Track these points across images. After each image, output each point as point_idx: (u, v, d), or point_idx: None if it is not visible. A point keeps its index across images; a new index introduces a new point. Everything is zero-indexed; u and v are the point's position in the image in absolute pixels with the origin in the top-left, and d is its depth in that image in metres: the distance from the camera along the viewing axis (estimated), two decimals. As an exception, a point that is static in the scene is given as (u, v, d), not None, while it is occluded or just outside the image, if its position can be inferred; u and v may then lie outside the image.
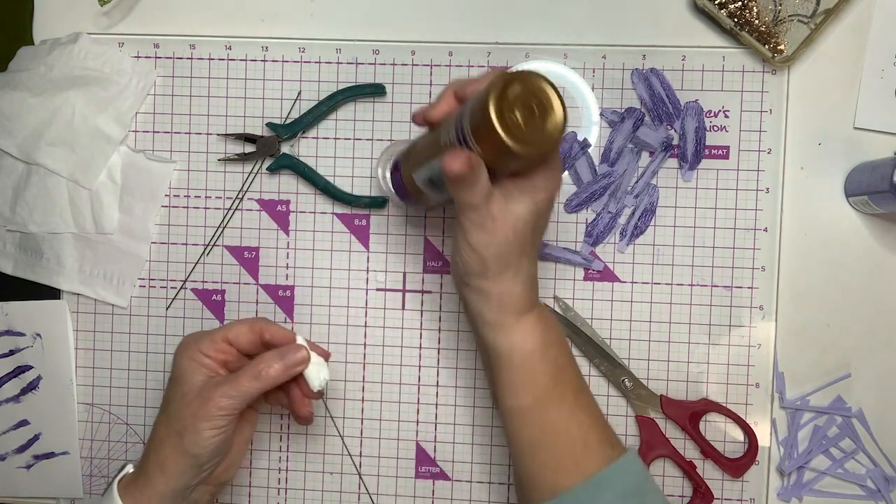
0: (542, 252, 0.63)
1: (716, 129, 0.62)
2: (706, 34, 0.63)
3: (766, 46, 0.61)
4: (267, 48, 0.65)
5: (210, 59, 0.66)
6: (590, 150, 0.63)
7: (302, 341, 0.55)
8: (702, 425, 0.63)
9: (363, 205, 0.64)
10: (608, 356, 0.63)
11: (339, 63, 0.65)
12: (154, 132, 0.66)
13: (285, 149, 0.65)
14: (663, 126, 0.62)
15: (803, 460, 0.62)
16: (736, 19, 0.61)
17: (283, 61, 0.65)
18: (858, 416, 0.62)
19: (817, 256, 0.62)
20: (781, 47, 0.61)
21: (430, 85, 0.64)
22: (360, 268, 0.65)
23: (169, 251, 0.66)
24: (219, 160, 0.66)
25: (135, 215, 0.66)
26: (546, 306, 0.54)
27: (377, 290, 0.65)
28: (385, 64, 0.65)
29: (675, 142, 0.63)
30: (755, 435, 0.62)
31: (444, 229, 0.64)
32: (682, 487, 0.63)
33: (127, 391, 0.67)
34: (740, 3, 0.60)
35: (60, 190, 0.65)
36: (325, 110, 0.64)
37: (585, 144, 0.63)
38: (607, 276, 0.63)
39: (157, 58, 0.66)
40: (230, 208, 0.66)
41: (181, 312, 0.66)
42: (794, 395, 0.62)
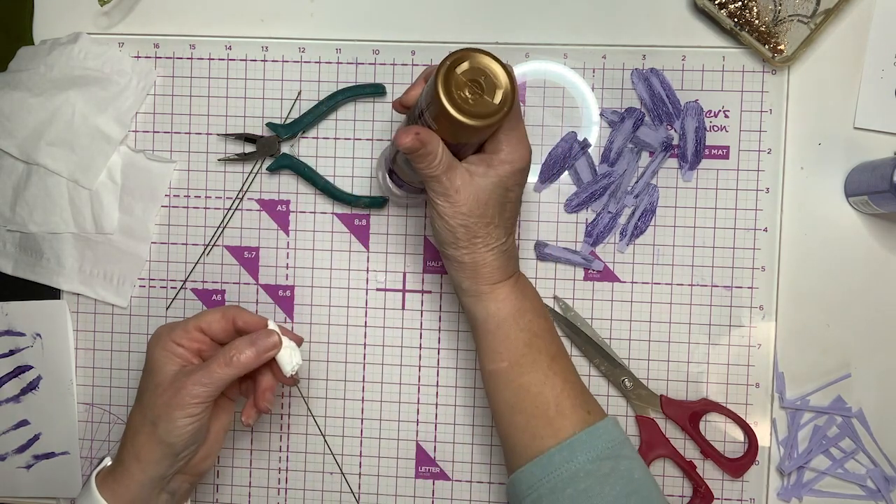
0: (542, 252, 0.63)
1: (716, 129, 0.62)
2: (706, 34, 0.63)
3: (766, 46, 0.61)
4: (267, 48, 0.65)
5: (210, 59, 0.66)
6: (590, 150, 0.63)
7: (273, 326, 0.55)
8: (702, 425, 0.63)
9: (363, 205, 0.64)
10: (608, 356, 0.63)
11: (339, 63, 0.65)
12: (154, 132, 0.66)
13: (285, 149, 0.65)
14: (663, 126, 0.62)
15: (803, 460, 0.62)
16: (736, 19, 0.61)
17: (283, 61, 0.65)
18: (858, 416, 0.62)
19: (817, 256, 0.62)
20: (781, 47, 0.61)
21: (430, 85, 0.64)
22: (360, 268, 0.65)
23: (169, 251, 0.66)
24: (219, 160, 0.66)
25: (135, 215, 0.66)
26: (523, 275, 0.56)
27: (377, 290, 0.65)
28: (385, 64, 0.65)
29: (675, 142, 0.63)
30: (755, 435, 0.62)
31: (444, 229, 0.64)
32: (682, 487, 0.63)
33: (127, 391, 0.67)
34: (740, 3, 0.60)
35: (60, 190, 0.65)
36: (325, 110, 0.64)
37: (585, 144, 0.63)
38: (607, 276, 0.63)
39: (157, 58, 0.66)
40: (230, 208, 0.66)
41: (181, 312, 0.66)
42: (794, 395, 0.62)
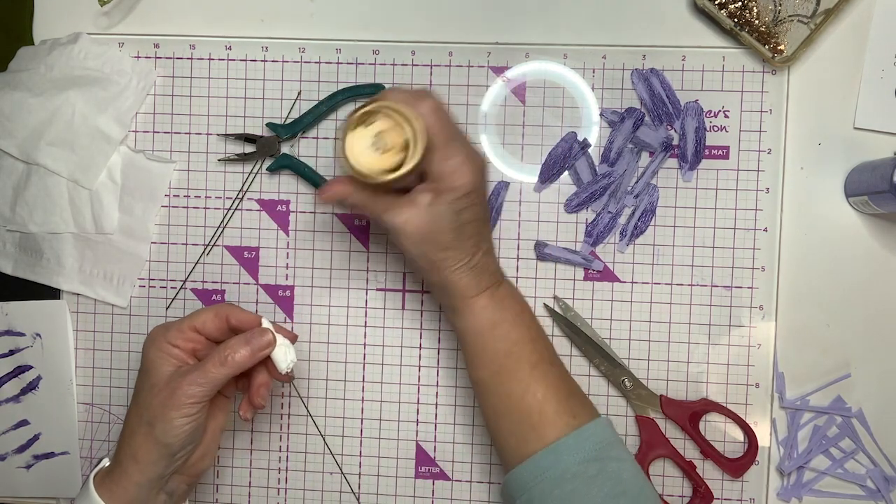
0: (542, 252, 0.63)
1: (716, 129, 0.62)
2: (706, 34, 0.63)
3: (766, 46, 0.61)
4: (267, 48, 0.65)
5: (210, 59, 0.66)
6: (590, 150, 0.63)
7: (267, 324, 0.55)
8: (702, 425, 0.63)
9: (363, 205, 0.65)
10: (608, 356, 0.63)
11: (339, 63, 0.65)
12: (154, 132, 0.66)
13: (285, 149, 0.65)
14: (663, 126, 0.62)
15: (803, 460, 0.62)
16: (736, 19, 0.61)
17: (283, 61, 0.65)
18: (858, 416, 0.62)
19: (817, 256, 0.62)
20: (781, 47, 0.61)
21: (430, 85, 0.64)
22: (360, 268, 0.65)
23: (169, 251, 0.66)
24: (219, 160, 0.66)
25: (135, 215, 0.66)
26: (505, 283, 0.56)
27: (377, 290, 0.65)
28: (385, 64, 0.65)
29: (675, 142, 0.63)
30: (755, 435, 0.62)
31: (444, 229, 0.64)
32: (682, 487, 0.63)
33: (127, 391, 0.67)
34: (740, 3, 0.60)
35: (60, 190, 0.65)
36: (325, 110, 0.64)
37: (585, 144, 0.63)
38: (607, 276, 0.63)
39: (157, 58, 0.66)
40: (230, 208, 0.66)
41: (181, 312, 0.66)
42: (794, 395, 0.62)
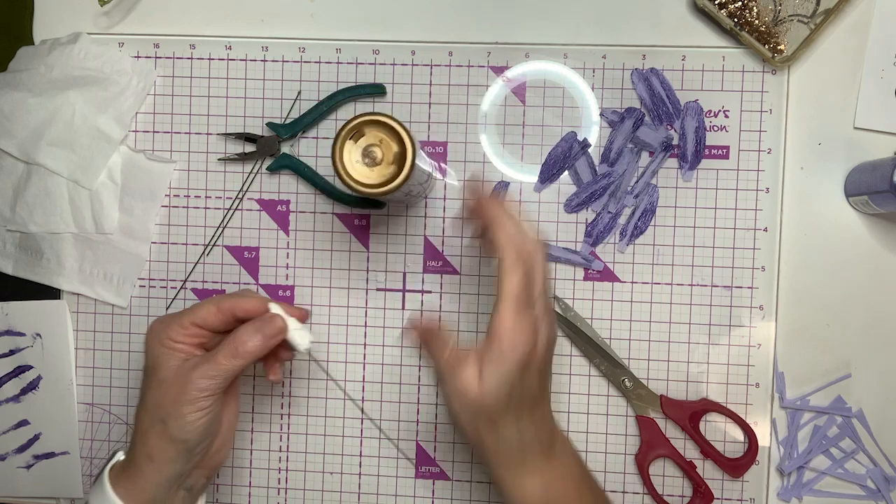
0: (542, 252, 0.63)
1: (716, 129, 0.62)
2: (706, 34, 0.63)
3: (766, 46, 0.61)
4: (267, 48, 0.65)
5: (210, 59, 0.66)
6: (590, 150, 0.63)
7: (277, 309, 0.53)
8: (702, 425, 0.63)
9: (363, 205, 0.64)
10: (608, 356, 0.63)
11: (339, 63, 0.65)
12: (154, 132, 0.66)
13: (285, 149, 0.65)
14: (663, 126, 0.62)
15: (803, 460, 0.62)
16: (736, 19, 0.61)
17: (283, 61, 0.65)
18: (858, 416, 0.62)
19: (817, 256, 0.62)
20: (781, 47, 0.61)
21: (430, 85, 0.64)
22: (360, 268, 0.65)
23: (169, 251, 0.66)
24: (219, 160, 0.66)
25: (135, 215, 0.66)
26: (561, 453, 0.52)
27: (377, 290, 0.65)
28: (385, 64, 0.65)
29: (675, 142, 0.63)
30: (755, 435, 0.62)
31: (444, 229, 0.64)
32: (682, 487, 0.63)
33: (127, 391, 0.67)
34: (740, 3, 0.60)
35: (60, 190, 0.65)
36: (325, 110, 0.64)
37: (585, 144, 0.63)
38: (607, 276, 0.63)
39: (157, 58, 0.66)
40: (230, 208, 0.66)
41: (181, 312, 0.66)
42: (794, 395, 0.62)
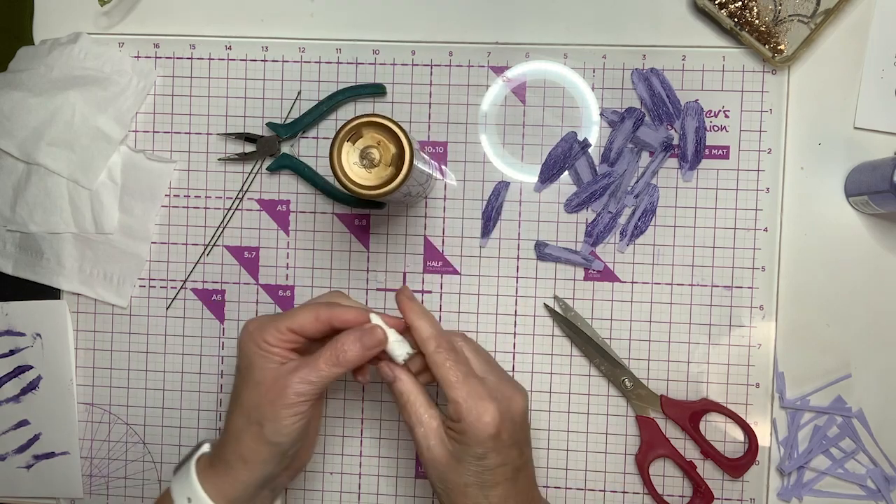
0: (542, 252, 0.63)
1: (716, 129, 0.62)
2: (706, 34, 0.63)
3: (766, 46, 0.61)
4: (267, 48, 0.65)
5: (210, 59, 0.66)
6: (590, 150, 0.63)
7: (377, 320, 0.53)
8: (702, 425, 0.63)
9: (363, 205, 0.64)
10: (608, 356, 0.63)
11: (339, 63, 0.65)
12: (154, 132, 0.66)
13: (285, 149, 0.65)
14: (663, 126, 0.62)
15: (803, 460, 0.62)
16: (736, 19, 0.61)
17: (283, 61, 0.65)
18: (858, 416, 0.62)
19: (817, 256, 0.62)
20: (781, 47, 0.61)
21: (430, 85, 0.64)
22: (360, 268, 0.65)
23: (169, 251, 0.66)
24: (219, 160, 0.66)
25: (135, 215, 0.66)
26: None
27: (377, 290, 0.65)
28: (385, 64, 0.65)
29: (675, 142, 0.63)
30: (755, 435, 0.62)
31: (444, 229, 0.64)
32: (682, 487, 0.63)
33: (127, 391, 0.67)
34: (740, 3, 0.60)
35: (60, 190, 0.65)
36: (325, 110, 0.64)
37: (585, 144, 0.63)
38: (607, 276, 0.63)
39: (157, 58, 0.66)
40: (230, 208, 0.66)
41: (181, 312, 0.66)
42: (794, 395, 0.62)
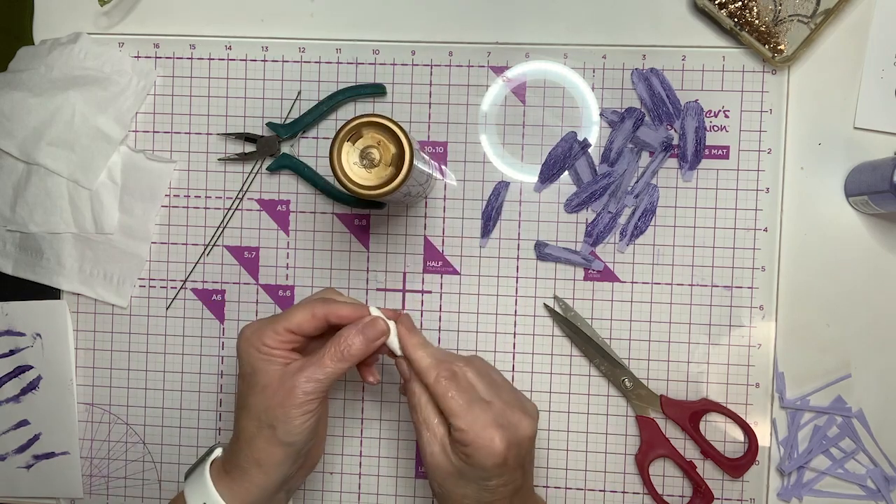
0: (542, 252, 0.63)
1: (716, 129, 0.62)
2: (706, 34, 0.63)
3: (766, 46, 0.61)
4: (267, 48, 0.65)
5: (210, 59, 0.66)
6: (590, 150, 0.63)
7: (376, 312, 0.53)
8: (702, 425, 0.63)
9: (363, 205, 0.64)
10: (608, 356, 0.63)
11: (339, 63, 0.65)
12: (154, 132, 0.66)
13: (285, 149, 0.65)
14: (663, 126, 0.62)
15: (803, 460, 0.62)
16: (736, 19, 0.61)
17: (283, 61, 0.65)
18: (858, 416, 0.62)
19: (817, 256, 0.62)
20: (781, 47, 0.61)
21: (430, 85, 0.64)
22: (360, 268, 0.65)
23: (169, 251, 0.66)
24: (219, 160, 0.66)
25: (135, 215, 0.66)
26: None
27: (377, 290, 0.65)
28: (385, 64, 0.65)
29: (675, 142, 0.63)
30: (755, 435, 0.62)
31: (444, 229, 0.64)
32: (682, 487, 0.63)
33: (127, 391, 0.67)
34: (740, 3, 0.60)
35: (60, 190, 0.65)
36: (325, 110, 0.64)
37: (585, 144, 0.63)
38: (607, 276, 0.63)
39: (157, 58, 0.66)
40: (230, 208, 0.66)
41: (181, 312, 0.66)
42: (794, 395, 0.62)
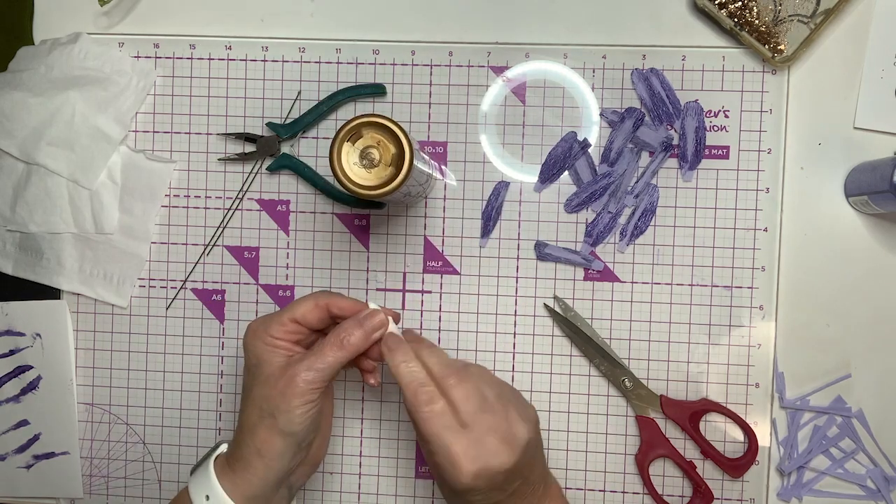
0: (542, 252, 0.63)
1: (716, 129, 0.62)
2: (706, 34, 0.63)
3: (766, 46, 0.61)
4: (267, 48, 0.65)
5: (210, 59, 0.66)
6: (590, 150, 0.63)
7: (375, 306, 0.54)
8: (702, 425, 0.63)
9: (363, 205, 0.64)
10: (608, 356, 0.63)
11: (339, 63, 0.65)
12: (154, 132, 0.66)
13: (285, 149, 0.65)
14: (663, 126, 0.62)
15: (803, 460, 0.62)
16: (736, 19, 0.61)
17: (283, 61, 0.65)
18: (858, 416, 0.62)
19: (817, 256, 0.62)
20: (781, 47, 0.61)
21: (430, 85, 0.64)
22: (360, 268, 0.65)
23: (169, 251, 0.66)
24: (219, 160, 0.66)
25: (135, 215, 0.66)
26: None
27: (377, 290, 0.65)
28: (385, 64, 0.65)
29: (675, 142, 0.63)
30: (755, 435, 0.62)
31: (444, 229, 0.64)
32: (682, 487, 0.63)
33: (127, 391, 0.67)
34: (740, 3, 0.60)
35: (60, 190, 0.65)
36: (325, 110, 0.64)
37: (585, 144, 0.63)
38: (607, 276, 0.63)
39: (157, 58, 0.66)
40: (230, 208, 0.66)
41: (181, 312, 0.66)
42: (794, 395, 0.62)
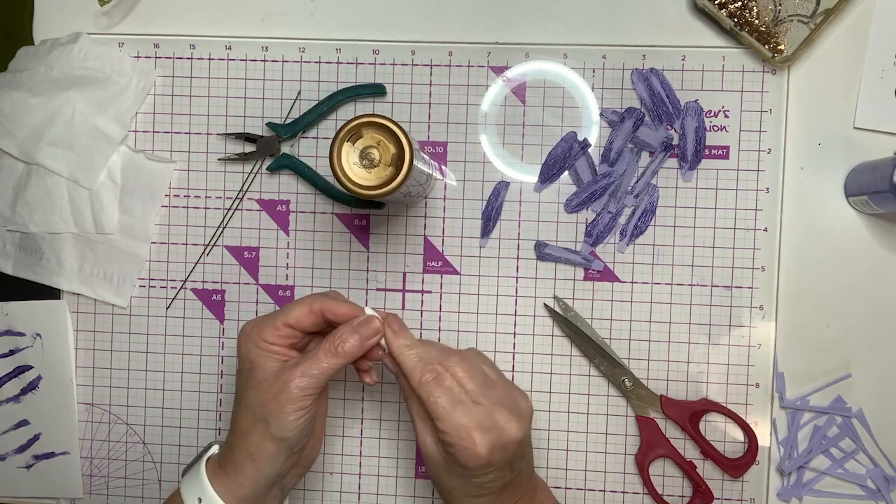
0: (542, 252, 0.63)
1: (716, 129, 0.62)
2: (706, 34, 0.63)
3: (766, 46, 0.61)
4: (267, 48, 0.65)
5: (210, 59, 0.66)
6: (590, 150, 0.63)
7: (371, 312, 0.54)
8: (702, 425, 0.63)
9: (363, 205, 0.64)
10: (608, 356, 0.63)
11: (339, 63, 0.65)
12: (154, 132, 0.66)
13: (285, 149, 0.65)
14: (663, 126, 0.62)
15: (803, 460, 0.62)
16: (736, 19, 0.61)
17: (283, 61, 0.65)
18: (858, 416, 0.62)
19: (817, 256, 0.62)
20: (781, 47, 0.61)
21: (430, 85, 0.64)
22: (360, 268, 0.65)
23: (169, 251, 0.66)
24: (219, 160, 0.66)
25: (135, 215, 0.66)
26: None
27: (377, 290, 0.65)
28: (385, 64, 0.65)
29: (675, 142, 0.63)
30: (755, 435, 0.62)
31: (444, 229, 0.64)
32: (682, 487, 0.63)
33: (127, 391, 0.67)
34: (740, 3, 0.60)
35: (60, 190, 0.65)
36: (325, 110, 0.64)
37: (585, 144, 0.63)
38: (607, 276, 0.63)
39: (157, 58, 0.66)
40: (230, 208, 0.66)
41: (181, 312, 0.66)
42: (794, 395, 0.62)
